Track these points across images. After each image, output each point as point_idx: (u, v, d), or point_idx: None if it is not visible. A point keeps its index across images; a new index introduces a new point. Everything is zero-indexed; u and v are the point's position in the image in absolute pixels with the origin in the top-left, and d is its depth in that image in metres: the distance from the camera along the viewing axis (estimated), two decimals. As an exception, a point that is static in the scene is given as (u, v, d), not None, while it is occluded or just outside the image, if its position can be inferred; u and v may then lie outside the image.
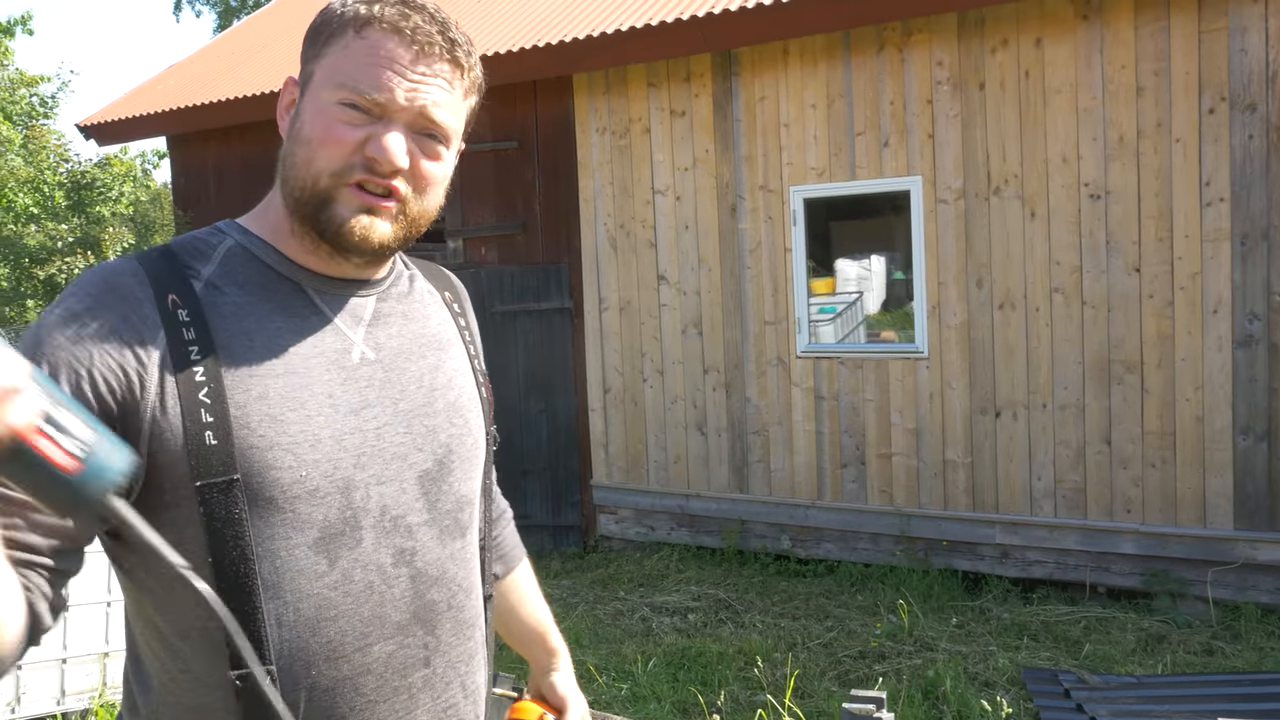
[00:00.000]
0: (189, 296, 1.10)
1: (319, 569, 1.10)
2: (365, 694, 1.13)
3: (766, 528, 6.72)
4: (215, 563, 1.06)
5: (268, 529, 1.07)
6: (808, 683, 4.81)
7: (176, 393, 1.05)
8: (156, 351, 1.06)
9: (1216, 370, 5.37)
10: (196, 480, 1.05)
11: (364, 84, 1.10)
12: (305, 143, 1.12)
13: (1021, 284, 5.81)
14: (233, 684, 1.07)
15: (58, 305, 1.07)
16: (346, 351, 1.16)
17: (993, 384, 5.94)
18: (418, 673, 1.17)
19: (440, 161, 1.16)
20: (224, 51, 10.96)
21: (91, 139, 10.17)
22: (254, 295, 1.14)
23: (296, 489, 1.08)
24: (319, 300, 1.17)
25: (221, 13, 27.18)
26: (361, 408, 1.15)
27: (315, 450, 1.10)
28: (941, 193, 6.00)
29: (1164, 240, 5.44)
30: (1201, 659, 4.93)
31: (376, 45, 1.11)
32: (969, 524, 6.04)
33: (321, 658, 1.10)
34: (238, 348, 1.09)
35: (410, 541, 1.16)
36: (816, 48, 6.32)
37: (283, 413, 1.09)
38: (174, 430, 1.05)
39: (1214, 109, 5.28)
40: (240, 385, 1.08)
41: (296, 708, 1.09)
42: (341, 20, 1.14)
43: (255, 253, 1.17)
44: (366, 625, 1.13)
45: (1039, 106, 5.70)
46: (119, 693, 4.44)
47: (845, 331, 6.64)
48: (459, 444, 1.24)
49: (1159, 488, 5.54)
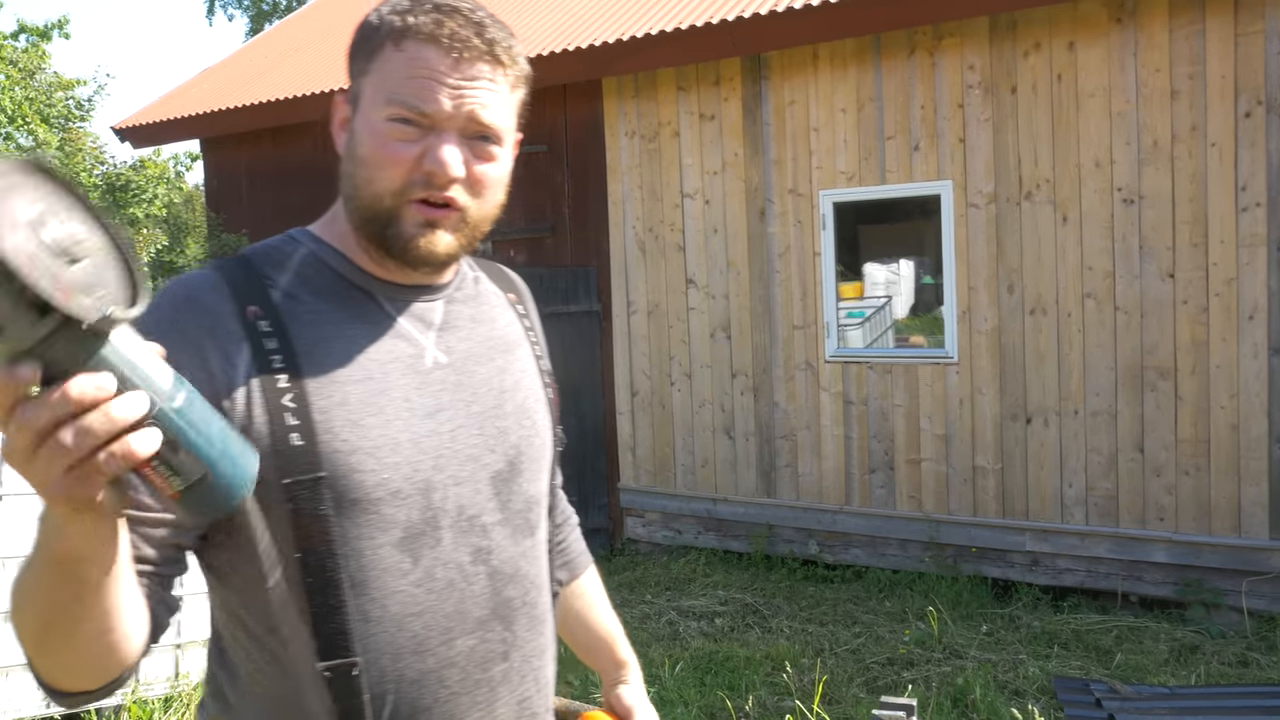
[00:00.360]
0: (268, 306, 1.13)
1: (403, 567, 1.14)
2: (450, 686, 1.17)
3: (794, 532, 6.70)
4: (302, 559, 1.10)
5: (353, 529, 1.11)
6: (836, 689, 4.79)
7: (262, 400, 1.09)
8: (241, 363, 1.09)
9: (1252, 377, 5.30)
10: (284, 479, 1.08)
11: (409, 98, 1.11)
12: (364, 163, 1.14)
13: (1053, 289, 5.77)
14: (321, 675, 1.10)
15: (141, 320, 1.09)
16: (420, 356, 1.19)
17: (1024, 390, 5.89)
18: (497, 666, 1.21)
19: (495, 162, 1.18)
20: (257, 55, 11.06)
21: (126, 141, 10.29)
22: (329, 303, 1.17)
23: (379, 491, 1.12)
24: (390, 307, 1.20)
25: (254, 16, 27.44)
26: (436, 411, 1.18)
27: (395, 453, 1.13)
28: (972, 197, 5.96)
29: (1199, 245, 5.38)
30: (1236, 670, 4.87)
31: (415, 57, 1.12)
32: (999, 531, 6.00)
33: (408, 651, 1.14)
34: (318, 355, 1.13)
35: (486, 540, 1.20)
36: (847, 51, 6.30)
37: (363, 418, 1.12)
38: (262, 435, 1.08)
39: (1250, 112, 5.22)
40: (322, 392, 1.11)
41: (385, 699, 1.13)
42: (379, 34, 1.15)
43: (328, 261, 1.20)
44: (449, 620, 1.16)
45: (1071, 110, 5.65)
46: (152, 689, 4.48)
47: (874, 336, 6.61)
48: (528, 445, 1.27)
49: (1193, 496, 5.47)
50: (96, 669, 1.01)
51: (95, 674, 1.02)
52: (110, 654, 1.00)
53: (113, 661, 1.01)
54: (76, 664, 1.00)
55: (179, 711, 4.46)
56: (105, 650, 0.99)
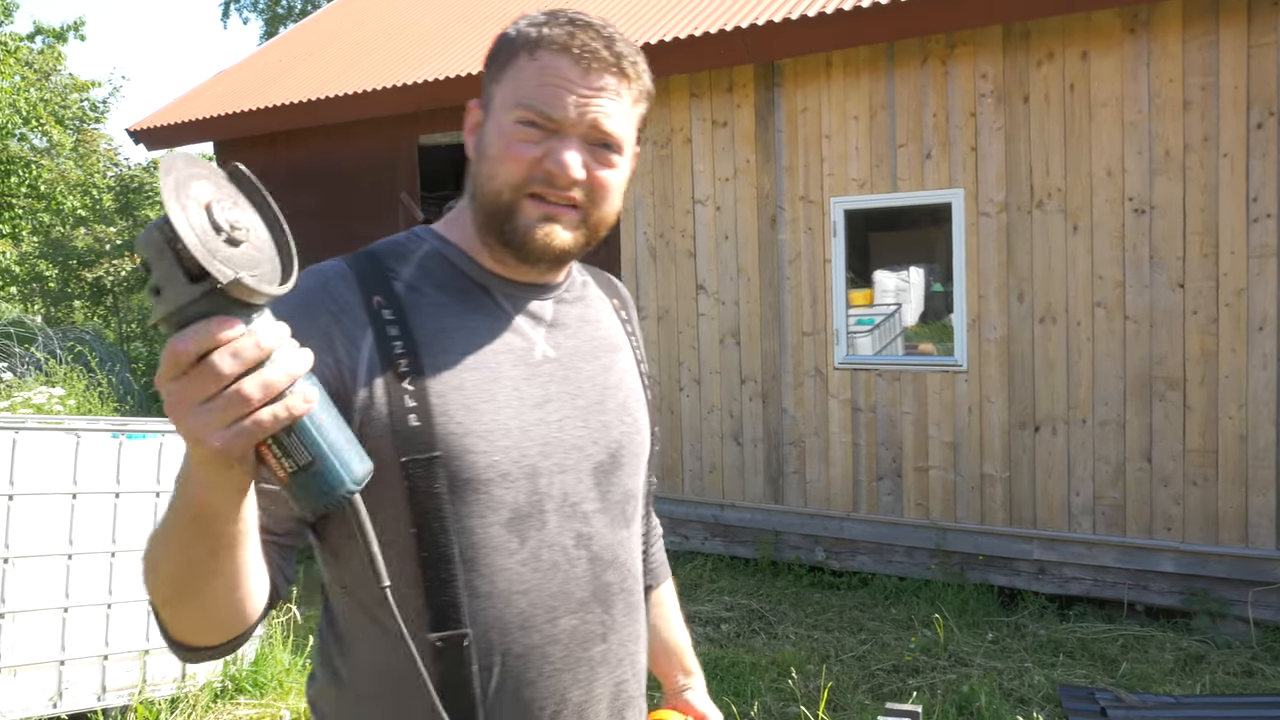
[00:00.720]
0: (391, 297, 1.21)
1: (511, 546, 1.21)
2: (553, 662, 1.23)
3: (801, 539, 6.70)
4: (418, 534, 1.17)
5: (464, 508, 1.18)
6: (841, 695, 4.79)
7: (383, 383, 1.17)
8: (365, 347, 1.17)
9: (1261, 388, 5.30)
10: (402, 456, 1.16)
11: (538, 103, 1.19)
12: (489, 160, 1.22)
13: (1063, 298, 5.77)
14: (433, 645, 1.18)
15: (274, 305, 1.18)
16: (530, 350, 1.27)
17: (1032, 398, 5.90)
18: (596, 647, 1.28)
19: (615, 169, 1.25)
20: (271, 59, 11.12)
21: (141, 144, 10.35)
22: (449, 296, 1.25)
23: (490, 472, 1.19)
24: (505, 303, 1.28)
25: (269, 20, 27.56)
26: (544, 401, 1.26)
27: (505, 438, 1.21)
28: (984, 205, 5.97)
29: (1209, 256, 5.39)
30: (1241, 680, 4.86)
31: (547, 65, 1.20)
32: (1006, 539, 6.00)
33: (514, 626, 1.21)
34: (436, 344, 1.20)
35: (587, 527, 1.27)
36: (859, 59, 6.31)
37: (477, 403, 1.20)
38: (381, 415, 1.16)
39: (1262, 124, 5.23)
40: (439, 377, 1.19)
41: (491, 671, 1.20)
42: (515, 45, 1.23)
43: (450, 258, 1.28)
44: (553, 599, 1.23)
45: (1084, 120, 5.66)
46: (159, 690, 4.51)
47: (883, 343, 6.62)
48: (629, 441, 1.34)
49: (1200, 506, 5.47)
50: (223, 624, 1.09)
51: (221, 629, 1.09)
52: (236, 611, 1.07)
53: (238, 619, 1.09)
54: (205, 619, 1.08)
55: (185, 712, 4.48)
56: (232, 606, 1.06)
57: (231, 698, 4.67)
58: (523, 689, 1.22)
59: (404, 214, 8.64)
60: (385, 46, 9.57)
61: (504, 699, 1.21)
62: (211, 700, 4.61)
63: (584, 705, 1.27)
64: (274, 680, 4.78)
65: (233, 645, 1.13)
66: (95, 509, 4.30)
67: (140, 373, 12.94)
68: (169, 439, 4.52)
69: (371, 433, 1.15)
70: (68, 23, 17.86)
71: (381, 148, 8.79)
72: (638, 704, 1.37)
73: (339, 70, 9.31)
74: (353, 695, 1.26)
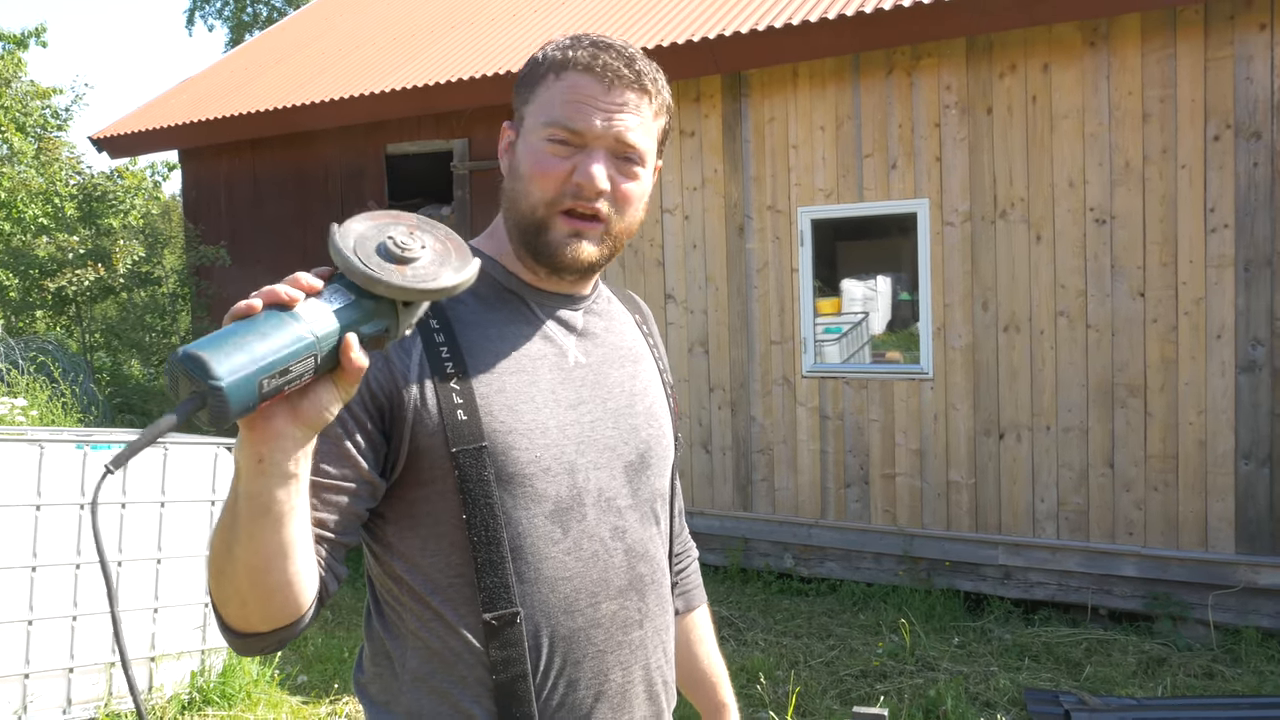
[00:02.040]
0: (437, 307, 1.30)
1: (554, 535, 1.30)
2: (596, 644, 1.33)
3: (770, 546, 6.74)
4: (469, 520, 1.26)
5: (510, 499, 1.28)
6: (809, 701, 4.83)
7: (433, 385, 1.26)
8: (415, 355, 1.27)
9: (1219, 395, 5.39)
10: (452, 448, 1.25)
11: (565, 119, 1.29)
12: (522, 178, 1.31)
13: (1027, 307, 5.85)
14: (487, 624, 1.27)
15: None
16: (563, 356, 1.37)
17: (997, 406, 5.97)
18: (635, 632, 1.37)
19: (638, 181, 1.34)
20: (237, 66, 11.06)
21: (104, 151, 10.27)
22: (488, 306, 1.34)
23: (533, 467, 1.29)
24: (539, 311, 1.37)
25: (234, 27, 27.37)
26: (578, 403, 1.35)
27: (545, 436, 1.30)
28: (948, 215, 6.04)
29: (1168, 265, 5.48)
30: (1202, 682, 4.94)
31: (573, 84, 1.30)
32: (972, 545, 6.06)
33: (560, 610, 1.30)
34: (479, 350, 1.30)
35: (621, 521, 1.36)
36: (826, 70, 6.38)
37: (517, 404, 1.30)
38: (432, 414, 1.25)
39: (1219, 136, 5.33)
40: (482, 380, 1.29)
41: (540, 651, 1.29)
42: (542, 68, 1.32)
43: (488, 270, 1.36)
44: (595, 586, 1.33)
45: (1046, 131, 5.75)
46: (125, 702, 4.47)
47: (850, 351, 6.68)
48: (656, 443, 1.43)
49: (1161, 511, 5.56)
50: (275, 609, 1.14)
51: (273, 615, 1.15)
52: (289, 596, 1.14)
53: (290, 605, 1.15)
54: (260, 601, 1.13)
55: (151, 724, 4.45)
56: (286, 590, 1.13)
57: (199, 709, 4.64)
58: (569, 668, 1.31)
59: (372, 223, 8.60)
60: (353, 55, 9.55)
61: (553, 677, 1.30)
62: (179, 712, 4.57)
63: (625, 686, 1.36)
64: (242, 691, 4.75)
65: (282, 635, 1.18)
66: (60, 520, 4.26)
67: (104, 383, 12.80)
68: (135, 449, 4.48)
69: (424, 430, 1.25)
70: (29, 29, 17.65)
71: (349, 156, 8.76)
72: (670, 690, 1.46)
73: (306, 78, 9.28)
74: (406, 679, 1.33)
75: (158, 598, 4.56)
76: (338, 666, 5.34)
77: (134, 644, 4.51)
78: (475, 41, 8.50)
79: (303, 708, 4.80)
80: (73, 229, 15.17)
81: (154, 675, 4.58)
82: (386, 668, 1.36)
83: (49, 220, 15.29)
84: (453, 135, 8.09)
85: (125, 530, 4.46)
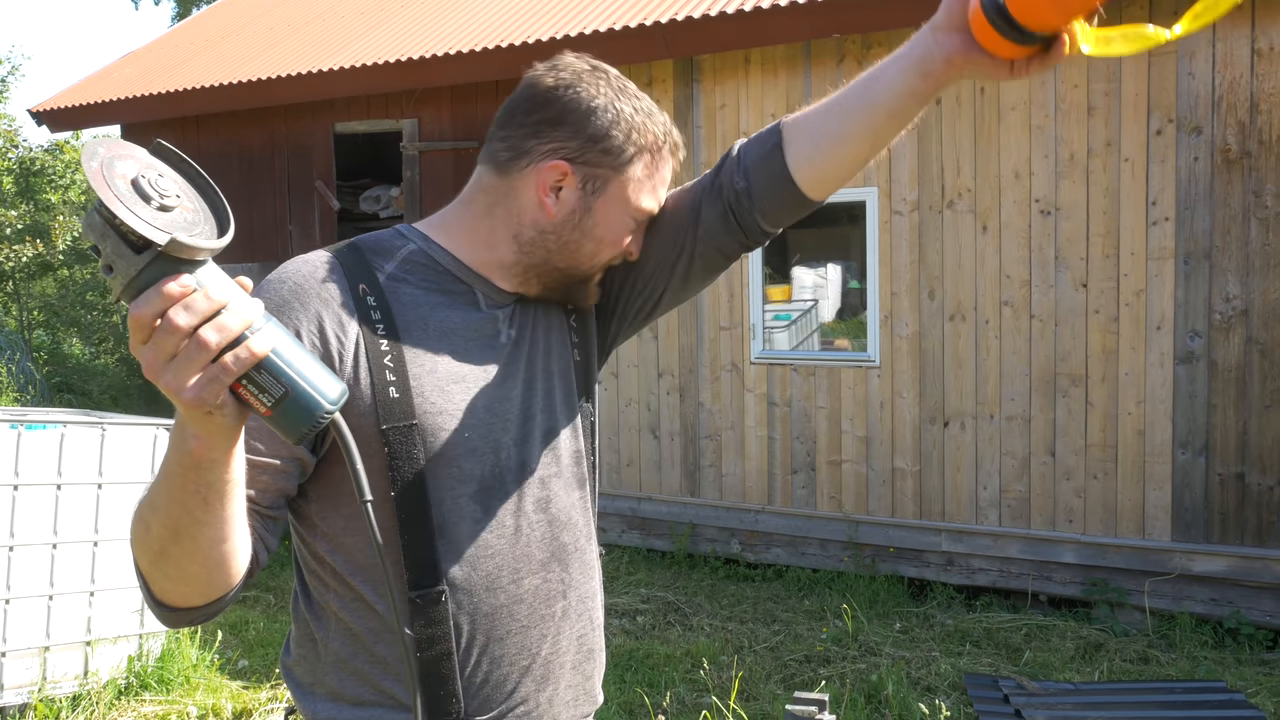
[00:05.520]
0: (375, 286, 1.33)
1: (477, 514, 1.33)
2: (519, 619, 1.36)
3: (717, 532, 6.77)
4: (397, 498, 1.28)
5: (435, 480, 1.30)
6: (753, 685, 4.86)
7: (367, 361, 1.28)
8: (352, 330, 1.29)
9: (1158, 385, 5.49)
10: (383, 425, 1.27)
11: (654, 206, 1.43)
12: (596, 240, 1.39)
13: (972, 296, 5.91)
14: (412, 602, 1.28)
15: (268, 291, 1.30)
16: (496, 336, 1.40)
17: (942, 394, 6.03)
18: (558, 604, 1.40)
19: None
20: (183, 40, 10.84)
21: (44, 125, 10.02)
22: (428, 289, 1.37)
23: (460, 448, 1.31)
24: (481, 299, 1.40)
25: (181, 1, 26.82)
26: (504, 380, 1.38)
27: (473, 416, 1.33)
28: (896, 204, 6.08)
29: (1110, 257, 5.56)
30: (1137, 667, 5.04)
31: (665, 169, 1.43)
32: (916, 531, 6.13)
33: (482, 588, 1.32)
34: (415, 330, 1.33)
35: (544, 491, 1.39)
36: (777, 57, 6.38)
37: (448, 384, 1.32)
38: (364, 390, 1.28)
39: (1161, 130, 5.41)
40: (416, 360, 1.31)
41: (463, 628, 1.31)
42: (640, 142, 1.39)
43: (435, 258, 1.40)
44: (517, 562, 1.35)
45: (993, 123, 5.80)
46: (59, 688, 4.39)
47: (800, 339, 6.71)
48: (564, 403, 1.45)
49: (1100, 499, 5.65)
50: (207, 582, 1.16)
51: (205, 587, 1.17)
52: (221, 567, 1.15)
53: (220, 577, 1.16)
54: (193, 573, 1.15)
55: (87, 710, 4.37)
56: (218, 561, 1.14)
57: (136, 694, 4.57)
58: (493, 645, 1.33)
59: (319, 202, 8.50)
60: (301, 32, 9.40)
61: (475, 654, 1.32)
62: (115, 697, 4.50)
63: (550, 659, 1.39)
64: (181, 676, 4.68)
65: (213, 608, 1.20)
66: (-7, 502, 4.17)
67: (42, 361, 12.54)
68: (70, 430, 4.40)
69: (355, 408, 1.26)
70: (-34, -2, 17.17)
71: (297, 134, 8.63)
72: (597, 656, 1.48)
73: (253, 54, 9.12)
74: (329, 660, 1.34)
75: (94, 581, 4.48)
76: (279, 651, 5.27)
77: (69, 628, 4.43)
78: (427, 21, 8.40)
79: (243, 692, 4.75)
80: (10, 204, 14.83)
81: (90, 660, 4.50)
82: (310, 649, 1.37)
83: (-14, 195, 14.91)
84: (402, 115, 7.99)
85: (61, 512, 4.37)
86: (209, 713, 4.51)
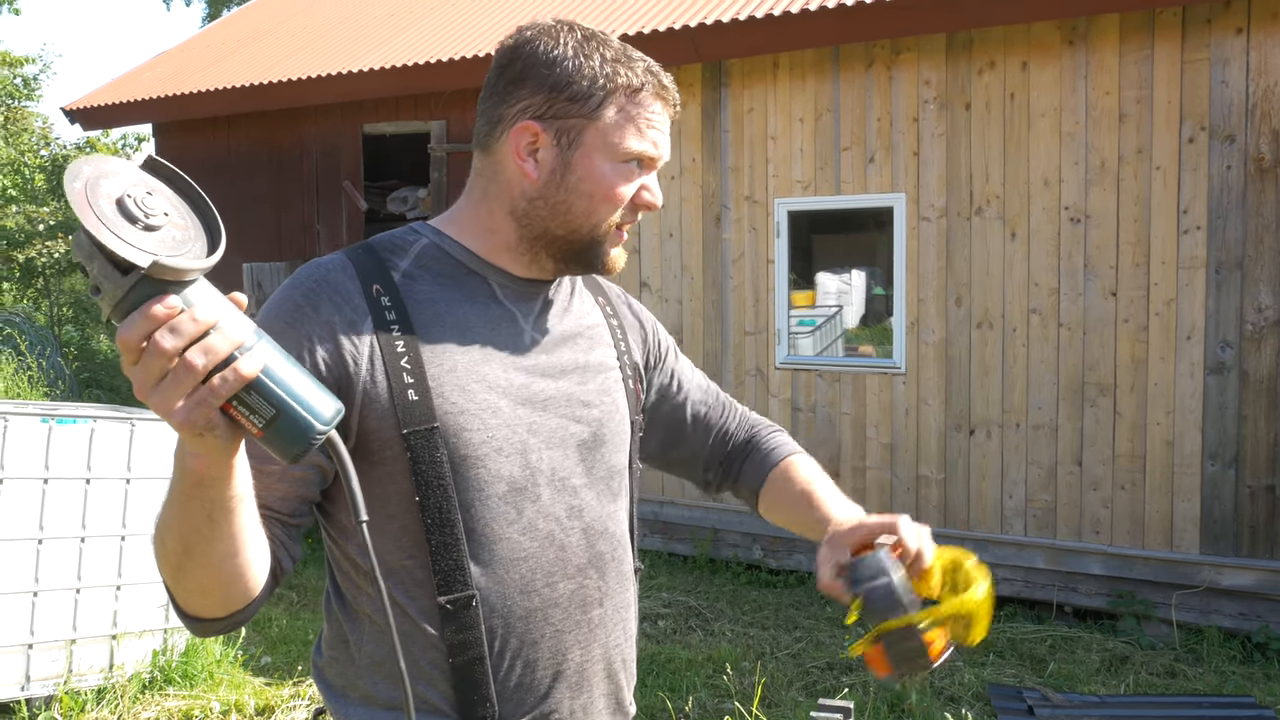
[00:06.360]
0: (390, 286, 1.30)
1: (509, 516, 1.30)
2: (553, 624, 1.33)
3: (739, 537, 6.75)
4: (422, 502, 1.26)
5: (463, 481, 1.27)
6: (775, 692, 4.84)
7: (383, 364, 1.26)
8: (366, 333, 1.26)
9: (1188, 396, 5.44)
10: (403, 429, 1.25)
11: (649, 148, 1.34)
12: (586, 197, 1.33)
13: (1000, 304, 5.87)
14: (442, 608, 1.27)
15: (280, 297, 1.29)
16: (519, 335, 1.37)
17: (968, 402, 6.00)
18: (594, 610, 1.38)
19: None
20: (214, 41, 10.93)
21: (77, 123, 10.13)
22: (445, 285, 1.34)
23: (485, 448, 1.28)
24: (499, 292, 1.37)
25: (212, 2, 27.05)
26: (530, 383, 1.35)
27: (496, 416, 1.30)
28: (924, 210, 6.05)
29: (1140, 266, 5.52)
30: (1164, 680, 4.99)
31: (650, 110, 1.34)
32: (940, 539, 6.05)
33: (516, 591, 1.30)
34: (431, 328, 1.30)
35: (577, 500, 1.37)
36: (806, 62, 6.37)
37: (469, 383, 1.29)
38: (382, 394, 1.25)
39: (1194, 138, 5.36)
40: (434, 359, 1.28)
41: (496, 632, 1.30)
42: (607, 86, 1.31)
43: (449, 250, 1.37)
44: (551, 565, 1.33)
45: (1023, 129, 5.76)
46: (85, 681, 4.42)
47: (824, 344, 6.69)
48: (609, 419, 1.43)
49: (1127, 510, 5.60)
50: (224, 595, 1.15)
51: (224, 600, 1.16)
52: (237, 580, 1.14)
53: (238, 589, 1.15)
54: (209, 587, 1.14)
55: (112, 703, 4.41)
56: (232, 575, 1.13)
57: (160, 689, 4.60)
58: (526, 648, 1.31)
59: (347, 202, 8.55)
60: (332, 32, 9.46)
61: (509, 658, 1.31)
62: (140, 691, 4.53)
63: (584, 665, 1.37)
64: (204, 671, 4.71)
65: (238, 618, 1.20)
66: (24, 495, 4.21)
67: (72, 357, 12.66)
68: (100, 425, 4.44)
69: (374, 412, 1.25)
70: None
71: (326, 135, 8.68)
72: (630, 667, 1.47)
73: (283, 55, 9.18)
74: (361, 663, 1.33)
75: (121, 575, 4.51)
76: (302, 648, 5.30)
77: (95, 621, 4.46)
78: (456, 23, 8.43)
79: (266, 689, 4.77)
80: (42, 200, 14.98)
81: (115, 654, 4.54)
82: (343, 651, 1.36)
83: (17, 191, 15.08)
84: (431, 117, 8.02)
85: (89, 506, 4.41)
86: (232, 709, 4.53)
